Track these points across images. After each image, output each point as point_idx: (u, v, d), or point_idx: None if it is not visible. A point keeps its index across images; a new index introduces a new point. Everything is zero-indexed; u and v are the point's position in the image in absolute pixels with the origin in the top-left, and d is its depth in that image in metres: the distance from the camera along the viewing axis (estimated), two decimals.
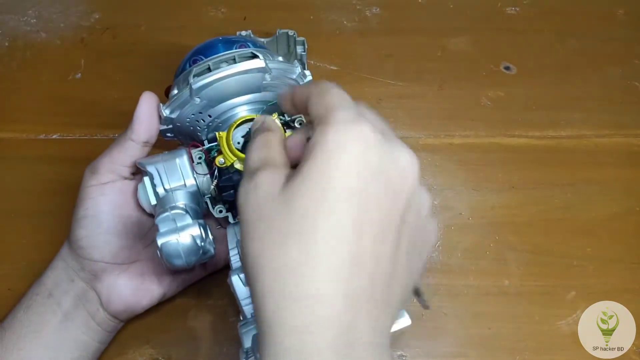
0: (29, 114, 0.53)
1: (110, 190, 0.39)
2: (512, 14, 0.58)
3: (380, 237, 0.24)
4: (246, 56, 0.38)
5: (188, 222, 0.35)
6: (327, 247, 0.23)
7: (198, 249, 0.34)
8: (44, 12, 0.58)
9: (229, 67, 0.37)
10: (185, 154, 0.39)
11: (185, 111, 0.38)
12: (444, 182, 0.50)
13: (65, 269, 0.40)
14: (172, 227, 0.34)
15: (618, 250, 0.47)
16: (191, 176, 0.38)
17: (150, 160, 0.39)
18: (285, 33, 0.51)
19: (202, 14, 0.58)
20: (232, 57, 0.38)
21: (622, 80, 0.54)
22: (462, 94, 0.54)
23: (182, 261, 0.34)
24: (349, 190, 0.23)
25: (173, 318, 0.44)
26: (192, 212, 0.37)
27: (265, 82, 0.38)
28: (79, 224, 0.39)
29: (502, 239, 0.48)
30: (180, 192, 0.38)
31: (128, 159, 0.39)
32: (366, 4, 0.58)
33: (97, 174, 0.39)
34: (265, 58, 0.37)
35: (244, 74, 0.37)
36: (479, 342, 0.44)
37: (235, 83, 0.38)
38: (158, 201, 0.38)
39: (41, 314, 0.39)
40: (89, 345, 0.40)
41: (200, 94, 0.37)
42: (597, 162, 0.51)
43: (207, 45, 0.40)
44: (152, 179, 0.38)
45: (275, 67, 0.38)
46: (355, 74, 0.55)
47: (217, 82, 0.37)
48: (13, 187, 0.50)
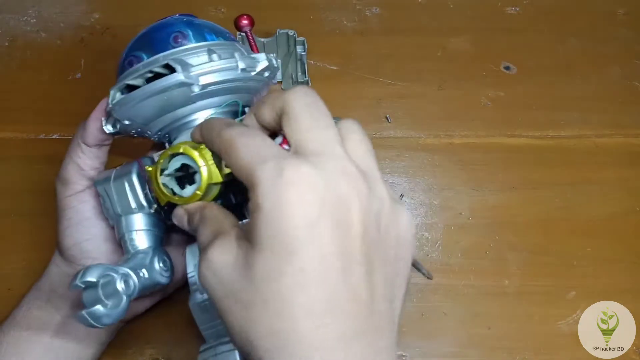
0: (29, 114, 0.53)
1: (89, 196, 0.38)
2: (512, 14, 0.58)
3: (347, 271, 0.23)
4: (164, 65, 0.33)
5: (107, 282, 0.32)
6: (299, 304, 0.22)
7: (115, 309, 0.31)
8: (44, 12, 0.58)
9: (144, 88, 0.33)
10: (134, 172, 0.35)
11: (124, 128, 0.36)
12: (444, 182, 0.50)
13: (60, 275, 0.40)
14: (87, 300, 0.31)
15: (618, 250, 0.47)
16: (141, 198, 0.35)
17: (102, 179, 0.37)
18: (285, 33, 0.51)
19: (202, 13, 0.58)
20: (148, 70, 0.33)
21: (622, 80, 0.54)
22: (462, 94, 0.54)
23: (104, 323, 0.31)
24: (299, 240, 0.22)
25: (173, 318, 0.44)
26: (147, 236, 0.35)
27: (195, 94, 0.33)
28: (65, 234, 0.38)
29: (502, 239, 0.48)
30: (134, 216, 0.36)
31: (92, 161, 0.38)
32: (366, 4, 0.58)
33: (69, 183, 0.38)
34: (184, 68, 0.32)
35: (164, 92, 0.32)
36: (479, 342, 0.44)
37: (160, 101, 0.33)
38: (114, 224, 0.37)
39: (40, 317, 0.39)
40: (89, 346, 0.40)
41: (127, 116, 0.34)
42: (597, 162, 0.51)
43: (142, 38, 0.36)
44: (104, 202, 0.37)
45: (203, 72, 0.33)
46: (355, 74, 0.55)
47: (138, 104, 0.33)
48: (13, 187, 0.50)
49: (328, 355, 0.22)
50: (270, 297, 0.23)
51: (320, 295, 0.22)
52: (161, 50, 0.34)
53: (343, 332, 0.23)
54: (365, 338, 0.23)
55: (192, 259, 0.35)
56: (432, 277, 0.39)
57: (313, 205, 0.22)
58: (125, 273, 0.32)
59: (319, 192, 0.23)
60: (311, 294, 0.22)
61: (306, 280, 0.22)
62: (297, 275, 0.22)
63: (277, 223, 0.22)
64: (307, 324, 0.22)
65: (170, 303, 0.44)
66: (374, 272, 0.24)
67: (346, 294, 0.23)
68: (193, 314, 0.35)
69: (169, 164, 0.31)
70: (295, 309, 0.22)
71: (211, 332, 0.35)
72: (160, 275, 0.35)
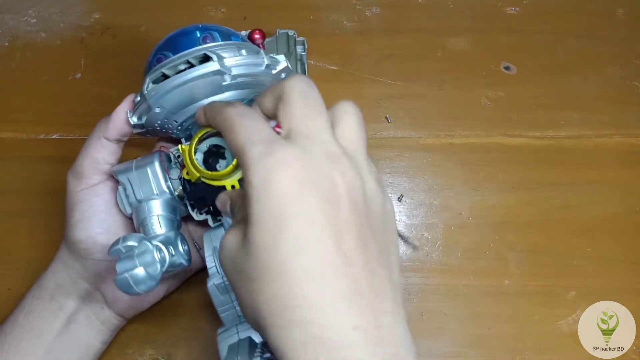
0: (29, 114, 0.53)
1: (103, 190, 0.39)
2: (512, 14, 0.58)
3: (339, 239, 0.24)
4: (200, 57, 0.36)
5: (143, 251, 0.33)
6: (297, 267, 0.24)
7: (151, 278, 0.33)
8: (44, 12, 0.58)
9: (181, 75, 0.35)
10: (157, 161, 0.38)
11: (150, 118, 0.37)
12: (444, 182, 0.50)
13: (67, 271, 0.40)
14: (126, 265, 0.33)
15: (618, 250, 0.47)
16: (163, 185, 0.38)
17: (123, 169, 0.38)
18: (285, 33, 0.51)
19: (202, 13, 0.58)
20: (185, 61, 0.36)
21: (622, 80, 0.54)
22: (462, 94, 0.54)
23: (141, 289, 0.33)
24: (287, 212, 0.24)
25: (173, 318, 0.44)
26: (165, 222, 0.37)
27: (226, 83, 0.36)
28: (77, 227, 0.38)
29: (502, 239, 0.48)
30: (154, 202, 0.38)
31: (109, 156, 0.39)
32: (366, 4, 0.58)
33: (83, 177, 0.39)
34: (219, 58, 0.35)
35: (199, 79, 0.35)
36: (479, 342, 0.44)
37: (193, 89, 0.35)
38: (133, 211, 0.38)
39: (43, 317, 0.39)
40: (91, 346, 0.40)
41: (159, 104, 0.36)
42: (597, 162, 0.51)
43: (170, 40, 0.38)
44: (124, 189, 0.38)
45: (235, 64, 0.35)
46: (355, 74, 0.55)
47: (172, 91, 0.35)
48: (13, 187, 0.50)
49: (328, 314, 0.23)
50: (270, 265, 0.24)
51: (317, 258, 0.24)
52: (190, 49, 0.37)
53: (342, 292, 0.23)
54: (365, 300, 0.24)
55: (209, 243, 0.38)
56: (418, 247, 0.40)
57: (299, 182, 0.24)
58: (158, 245, 0.34)
59: (305, 170, 0.24)
60: (307, 257, 0.23)
61: (301, 246, 0.24)
62: (291, 242, 0.24)
63: (266, 197, 0.24)
64: (306, 285, 0.23)
65: (170, 303, 0.44)
66: (366, 240, 0.25)
67: (341, 258, 0.24)
68: (211, 296, 0.37)
69: (201, 144, 0.36)
70: (293, 273, 0.23)
71: (229, 313, 0.37)
72: (183, 256, 0.36)
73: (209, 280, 0.37)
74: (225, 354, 0.34)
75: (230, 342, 0.36)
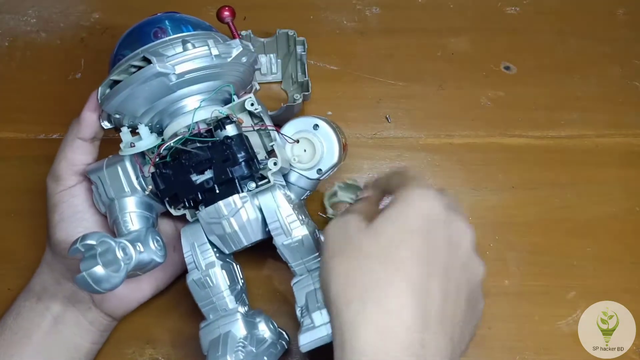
0: (29, 114, 0.53)
1: (80, 190, 0.39)
2: (512, 14, 0.58)
3: (445, 275, 0.30)
4: (141, 60, 0.35)
5: (105, 250, 0.32)
6: (406, 270, 0.29)
7: (113, 276, 0.32)
8: (44, 12, 0.58)
9: (124, 84, 0.34)
10: (127, 159, 0.38)
11: (116, 122, 0.37)
12: (444, 182, 0.50)
13: (51, 273, 0.40)
14: (88, 264, 0.31)
15: (618, 250, 0.47)
16: (134, 182, 0.38)
17: (94, 168, 0.38)
18: (285, 33, 0.51)
19: (202, 13, 0.58)
20: (127, 67, 0.35)
21: (622, 80, 0.54)
22: (462, 94, 0.54)
23: (103, 288, 0.31)
24: (420, 230, 0.30)
25: (173, 318, 0.44)
26: (139, 219, 0.37)
27: (173, 83, 0.35)
28: (57, 228, 0.39)
29: (502, 239, 0.48)
30: (127, 200, 0.37)
31: (85, 157, 0.39)
32: (366, 4, 0.58)
33: (61, 179, 0.39)
34: (159, 60, 0.33)
35: (143, 83, 0.34)
36: (479, 342, 0.44)
37: (142, 93, 0.35)
38: (106, 209, 0.38)
39: (31, 319, 0.39)
40: (81, 346, 0.40)
41: (115, 110, 0.36)
42: (597, 162, 0.51)
43: (128, 36, 0.38)
44: (97, 188, 0.38)
45: (178, 61, 0.34)
46: (355, 74, 0.55)
47: (123, 98, 0.35)
48: (13, 187, 0.50)
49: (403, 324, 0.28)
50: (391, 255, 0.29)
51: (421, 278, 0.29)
52: (144, 46, 0.36)
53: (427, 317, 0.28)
54: (443, 337, 0.29)
55: (187, 239, 0.38)
56: None
57: (438, 216, 0.30)
58: (123, 243, 0.33)
59: (446, 215, 0.31)
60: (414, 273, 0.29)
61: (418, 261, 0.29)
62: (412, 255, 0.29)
63: (411, 210, 0.31)
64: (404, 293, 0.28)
65: (170, 303, 0.44)
66: (460, 294, 0.31)
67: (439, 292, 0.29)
68: (191, 292, 0.37)
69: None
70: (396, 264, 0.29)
71: (209, 307, 0.38)
72: (155, 253, 0.36)
73: (189, 277, 0.37)
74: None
75: (211, 338, 0.36)
